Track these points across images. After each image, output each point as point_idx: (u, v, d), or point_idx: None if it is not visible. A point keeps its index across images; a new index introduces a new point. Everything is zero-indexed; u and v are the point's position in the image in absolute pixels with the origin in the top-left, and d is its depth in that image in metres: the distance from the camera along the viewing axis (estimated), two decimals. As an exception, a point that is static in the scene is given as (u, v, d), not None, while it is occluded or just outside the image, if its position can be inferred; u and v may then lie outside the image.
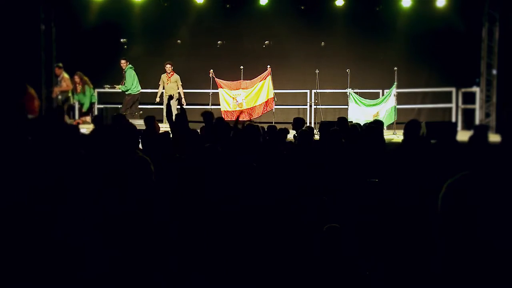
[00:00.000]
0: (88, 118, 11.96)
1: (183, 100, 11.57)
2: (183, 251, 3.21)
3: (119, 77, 13.39)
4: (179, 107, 8.51)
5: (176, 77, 12.07)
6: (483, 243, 1.40)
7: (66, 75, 12.09)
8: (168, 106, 8.74)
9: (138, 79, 12.06)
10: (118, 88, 11.99)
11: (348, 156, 5.52)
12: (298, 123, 7.62)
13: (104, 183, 3.40)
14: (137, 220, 3.22)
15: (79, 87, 11.93)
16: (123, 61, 11.95)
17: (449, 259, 1.47)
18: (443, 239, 1.46)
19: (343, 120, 7.81)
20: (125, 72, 11.80)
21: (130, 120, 9.46)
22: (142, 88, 13.52)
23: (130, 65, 11.90)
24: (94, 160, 3.81)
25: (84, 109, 12.14)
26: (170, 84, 12.04)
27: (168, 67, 12.05)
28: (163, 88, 12.12)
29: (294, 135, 7.32)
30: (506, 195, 1.43)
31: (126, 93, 11.90)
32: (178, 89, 11.99)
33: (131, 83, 11.78)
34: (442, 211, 1.48)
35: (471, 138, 4.59)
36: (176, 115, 7.36)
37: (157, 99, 12.18)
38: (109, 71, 13.53)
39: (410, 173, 4.66)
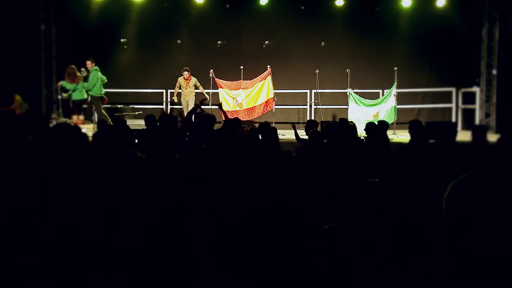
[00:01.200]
0: (81, 117, 11.74)
1: (206, 96, 11.60)
2: (184, 251, 3.21)
3: (118, 77, 13.40)
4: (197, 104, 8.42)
5: (193, 80, 11.87)
6: (488, 244, 1.40)
7: (18, 98, 11.67)
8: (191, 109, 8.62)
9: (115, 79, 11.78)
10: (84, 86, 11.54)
11: (350, 156, 5.53)
12: (311, 125, 7.42)
13: (103, 183, 3.41)
14: (137, 220, 3.23)
15: (69, 80, 11.66)
16: (88, 62, 11.47)
17: (452, 260, 1.46)
18: (447, 240, 1.46)
19: (344, 121, 7.78)
20: (90, 72, 11.55)
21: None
22: (142, 88, 13.55)
23: (96, 67, 11.59)
24: (93, 160, 3.81)
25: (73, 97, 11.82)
26: (189, 89, 11.89)
27: (186, 74, 11.79)
28: (179, 89, 11.94)
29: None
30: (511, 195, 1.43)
31: (90, 94, 11.45)
32: (199, 89, 11.90)
33: (93, 84, 11.52)
34: (446, 212, 1.48)
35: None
36: (196, 115, 7.25)
37: (175, 99, 12.09)
38: (109, 71, 13.53)
39: (414, 173, 4.67)
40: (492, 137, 6.38)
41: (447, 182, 1.53)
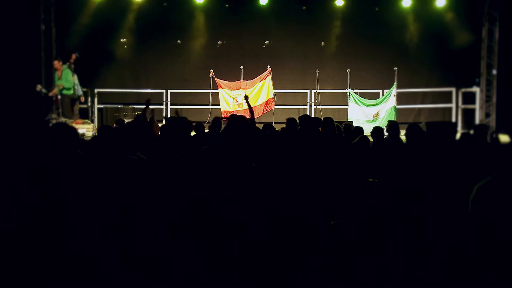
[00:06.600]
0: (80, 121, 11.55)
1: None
2: (186, 251, 3.21)
3: (118, 77, 13.35)
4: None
5: None
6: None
7: None
8: None
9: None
10: (55, 92, 11.32)
11: (349, 155, 5.52)
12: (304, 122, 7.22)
13: (102, 184, 3.40)
14: (137, 221, 3.23)
15: (59, 72, 11.47)
16: (56, 62, 11.41)
17: (482, 257, 1.47)
18: (477, 240, 1.47)
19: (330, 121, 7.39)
20: (62, 72, 11.41)
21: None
22: (142, 88, 13.56)
23: (65, 65, 11.48)
24: (92, 161, 3.80)
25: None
26: None
27: None
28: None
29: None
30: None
31: (62, 93, 11.39)
32: None
33: (71, 83, 11.42)
34: (473, 213, 1.49)
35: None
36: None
37: None
38: (108, 71, 13.54)
39: (412, 173, 4.66)
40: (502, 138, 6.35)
41: (447, 182, 1.53)
